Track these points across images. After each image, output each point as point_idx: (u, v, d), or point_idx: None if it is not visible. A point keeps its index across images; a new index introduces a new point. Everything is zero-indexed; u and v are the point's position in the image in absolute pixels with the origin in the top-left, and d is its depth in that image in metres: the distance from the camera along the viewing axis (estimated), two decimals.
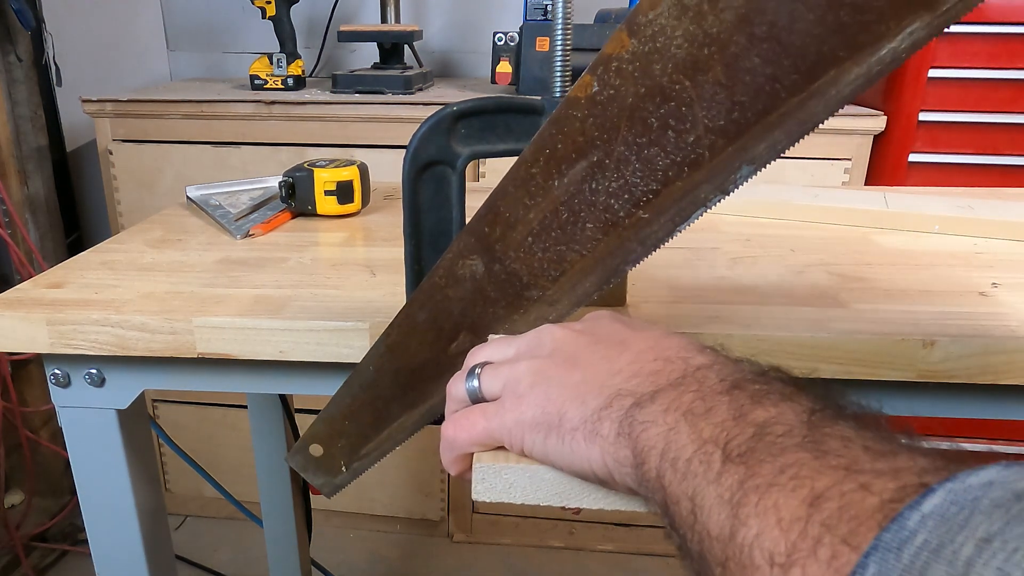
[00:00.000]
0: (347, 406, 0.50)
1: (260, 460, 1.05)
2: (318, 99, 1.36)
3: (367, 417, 0.50)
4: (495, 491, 0.35)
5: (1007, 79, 1.21)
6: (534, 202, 0.42)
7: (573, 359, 0.36)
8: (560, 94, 0.49)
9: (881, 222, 0.78)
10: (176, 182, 1.40)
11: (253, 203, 0.85)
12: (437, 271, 0.45)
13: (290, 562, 1.13)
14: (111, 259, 0.68)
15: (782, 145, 0.36)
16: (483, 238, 0.44)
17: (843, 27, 0.31)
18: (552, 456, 0.34)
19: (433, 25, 1.71)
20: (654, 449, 0.30)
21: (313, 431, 0.51)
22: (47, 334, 0.56)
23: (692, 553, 0.28)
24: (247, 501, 1.16)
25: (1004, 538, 0.20)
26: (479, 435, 0.37)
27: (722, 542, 0.26)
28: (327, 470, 0.52)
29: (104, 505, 0.64)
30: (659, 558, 1.59)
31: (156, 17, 1.76)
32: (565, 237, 0.42)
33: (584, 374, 0.35)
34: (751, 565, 0.24)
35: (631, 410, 0.32)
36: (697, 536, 0.27)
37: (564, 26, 0.48)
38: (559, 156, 0.40)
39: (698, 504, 0.27)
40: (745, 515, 0.25)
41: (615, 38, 0.35)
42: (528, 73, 1.35)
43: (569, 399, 0.34)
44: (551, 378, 0.36)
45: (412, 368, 0.48)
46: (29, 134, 1.59)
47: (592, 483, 0.34)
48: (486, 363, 0.40)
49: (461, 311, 0.46)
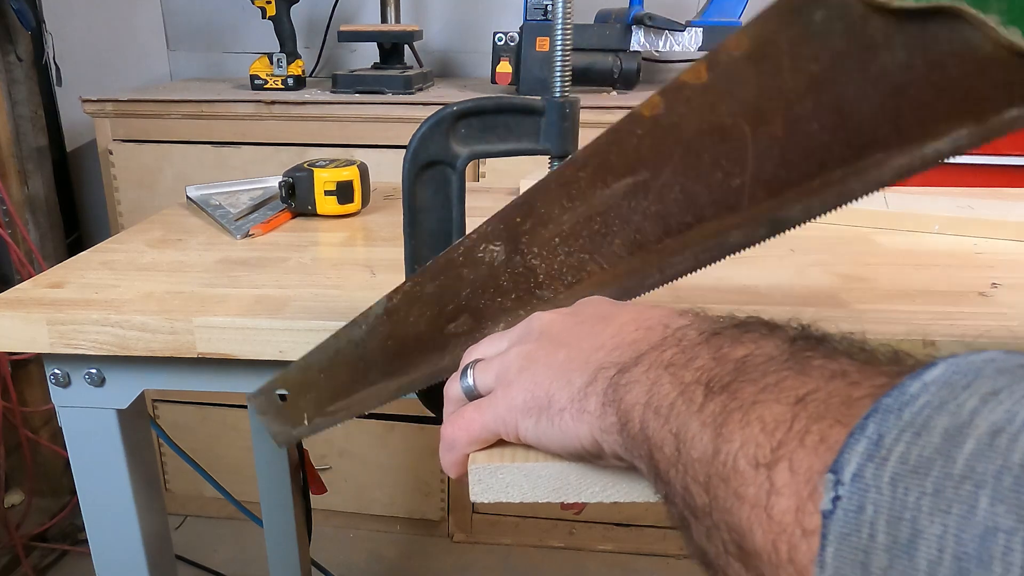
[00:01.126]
0: (327, 360, 0.49)
1: (260, 460, 1.05)
2: (318, 99, 1.36)
3: (344, 375, 0.49)
4: (493, 491, 0.36)
5: None
6: (571, 205, 0.42)
7: (558, 340, 0.37)
8: (560, 94, 0.49)
9: (881, 222, 0.78)
10: (176, 182, 1.40)
11: (253, 203, 0.85)
12: (457, 248, 0.45)
13: (290, 562, 1.13)
14: (111, 259, 0.68)
15: (815, 212, 0.36)
16: (512, 227, 0.44)
17: (901, 117, 0.32)
18: (544, 439, 0.34)
19: (433, 25, 1.71)
20: (637, 405, 0.30)
21: (284, 376, 0.50)
22: (47, 334, 0.56)
23: (676, 494, 0.27)
24: (247, 501, 1.16)
25: (1011, 389, 0.19)
26: (476, 431, 0.37)
27: (705, 463, 0.25)
28: (287, 419, 0.51)
29: (104, 505, 0.64)
30: (659, 558, 1.58)
31: (156, 17, 1.76)
32: (591, 247, 0.42)
33: (569, 352, 0.35)
34: (735, 473, 0.24)
35: (614, 379, 0.32)
36: (681, 470, 0.26)
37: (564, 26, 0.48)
38: (608, 166, 0.40)
39: (681, 438, 0.27)
40: (728, 432, 0.25)
41: (694, 68, 0.36)
42: (528, 73, 1.35)
43: (555, 380, 0.34)
44: (537, 360, 0.36)
45: (404, 337, 0.47)
46: (29, 134, 1.59)
47: (586, 460, 0.34)
48: (478, 360, 0.40)
49: (469, 293, 0.46)
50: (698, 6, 1.46)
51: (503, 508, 1.60)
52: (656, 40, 1.35)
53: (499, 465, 0.35)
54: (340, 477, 1.62)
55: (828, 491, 0.21)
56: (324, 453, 1.60)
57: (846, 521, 0.20)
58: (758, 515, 0.22)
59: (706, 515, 0.25)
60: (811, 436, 0.22)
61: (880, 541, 0.19)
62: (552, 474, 0.35)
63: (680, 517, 0.27)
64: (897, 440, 0.20)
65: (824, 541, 0.20)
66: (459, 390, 0.40)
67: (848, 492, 0.20)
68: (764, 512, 0.22)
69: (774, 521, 0.22)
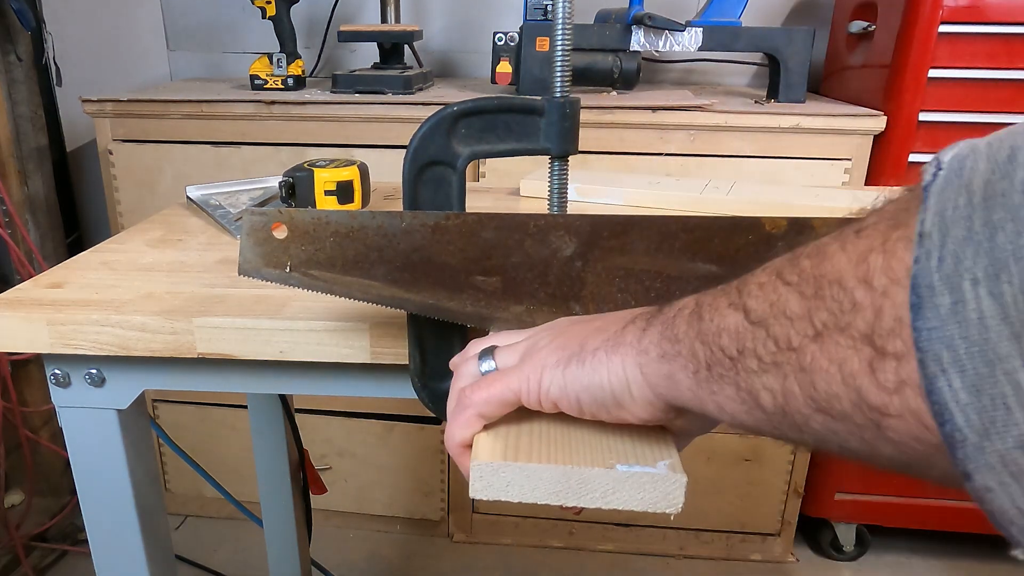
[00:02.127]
0: (346, 228, 0.46)
1: (260, 460, 1.05)
2: (318, 99, 1.36)
3: (352, 252, 0.47)
4: (493, 489, 0.36)
5: (1007, 79, 1.20)
6: (657, 255, 0.44)
7: (587, 320, 0.38)
8: (560, 94, 0.49)
9: None
10: (176, 182, 1.40)
11: (253, 203, 0.85)
12: (536, 218, 0.45)
13: (290, 562, 1.13)
14: (111, 259, 0.68)
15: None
16: (596, 235, 0.45)
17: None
18: (569, 383, 0.35)
19: (433, 25, 1.71)
20: (687, 304, 0.31)
21: (291, 217, 0.47)
22: (47, 334, 0.56)
23: (763, 350, 0.27)
24: (247, 501, 1.16)
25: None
26: (497, 390, 0.37)
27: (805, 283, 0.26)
28: (267, 255, 0.47)
29: (104, 505, 0.64)
30: (659, 558, 1.58)
31: (156, 17, 1.76)
32: (639, 297, 0.44)
33: (602, 322, 0.37)
34: (829, 259, 0.25)
35: (656, 310, 0.33)
36: (774, 313, 0.27)
37: (564, 26, 0.48)
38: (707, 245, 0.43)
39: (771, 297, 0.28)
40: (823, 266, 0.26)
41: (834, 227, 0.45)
42: (528, 73, 1.35)
43: (591, 334, 0.36)
44: (569, 331, 0.37)
45: (432, 258, 0.46)
46: (29, 134, 1.59)
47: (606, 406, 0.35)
48: (495, 347, 0.40)
49: (517, 263, 0.46)
50: (698, 6, 1.46)
51: (503, 508, 1.60)
52: (656, 40, 1.35)
53: (501, 464, 0.35)
54: (340, 477, 1.62)
55: (929, 172, 0.23)
56: (324, 453, 1.60)
57: (947, 176, 0.23)
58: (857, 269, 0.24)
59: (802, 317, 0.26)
60: (884, 222, 0.25)
61: (981, 168, 0.22)
62: (553, 476, 0.35)
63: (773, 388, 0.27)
64: (976, 144, 0.23)
65: (926, 196, 0.23)
66: (475, 370, 0.40)
67: (948, 164, 0.23)
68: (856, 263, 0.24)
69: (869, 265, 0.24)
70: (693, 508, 1.53)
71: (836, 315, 0.24)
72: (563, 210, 0.54)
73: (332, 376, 0.60)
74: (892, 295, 0.23)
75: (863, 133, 1.27)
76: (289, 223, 0.46)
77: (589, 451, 0.36)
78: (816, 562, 1.59)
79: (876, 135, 1.28)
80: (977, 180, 0.22)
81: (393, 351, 0.54)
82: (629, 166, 1.32)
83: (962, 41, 1.20)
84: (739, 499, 1.53)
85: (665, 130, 1.30)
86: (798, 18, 1.62)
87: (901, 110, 1.25)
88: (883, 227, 0.24)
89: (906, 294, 0.22)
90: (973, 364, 0.21)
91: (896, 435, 0.23)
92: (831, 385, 0.25)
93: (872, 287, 0.23)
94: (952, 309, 0.21)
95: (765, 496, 1.53)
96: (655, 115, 1.29)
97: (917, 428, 0.22)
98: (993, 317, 0.20)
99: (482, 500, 0.37)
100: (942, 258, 0.21)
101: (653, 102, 1.30)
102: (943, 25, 1.19)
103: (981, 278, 0.21)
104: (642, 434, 0.37)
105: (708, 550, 1.59)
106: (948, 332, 0.21)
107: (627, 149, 1.32)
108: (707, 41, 1.34)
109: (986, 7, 1.18)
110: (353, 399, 1.52)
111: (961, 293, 0.21)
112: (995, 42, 1.19)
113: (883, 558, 1.58)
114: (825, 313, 0.25)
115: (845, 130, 1.27)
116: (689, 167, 1.31)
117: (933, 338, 0.21)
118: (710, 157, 1.31)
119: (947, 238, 0.21)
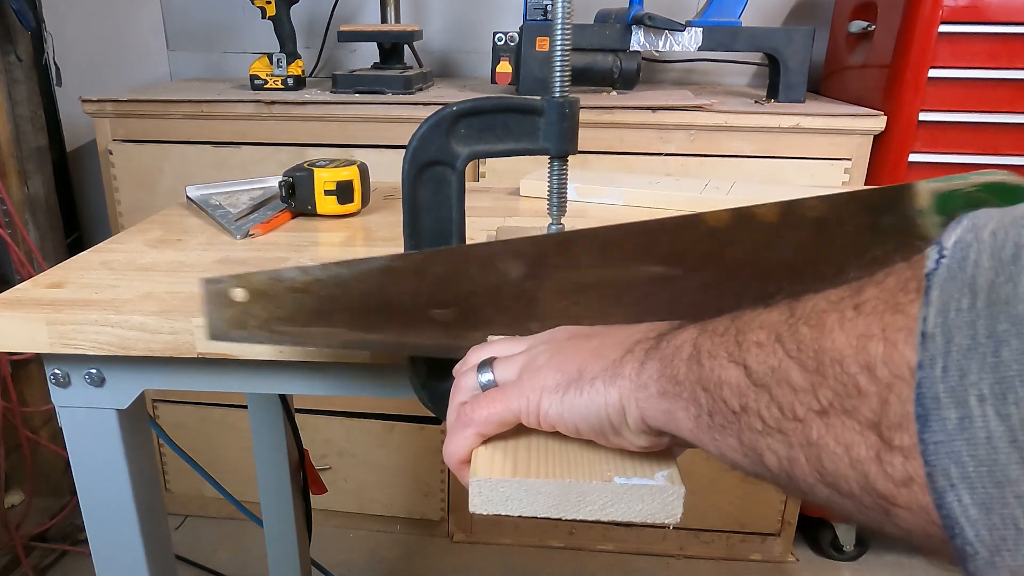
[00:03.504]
0: (302, 283, 0.48)
1: (260, 460, 1.05)
2: (318, 99, 1.36)
3: (309, 304, 0.48)
4: (492, 504, 0.36)
5: (1007, 79, 1.20)
6: (604, 265, 0.44)
7: (588, 335, 0.38)
8: (560, 94, 0.49)
9: None
10: (176, 182, 1.40)
11: (253, 203, 0.85)
12: (480, 247, 0.46)
13: (290, 562, 1.13)
14: (111, 259, 0.68)
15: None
16: (541, 254, 0.45)
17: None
18: (568, 412, 0.35)
19: (433, 25, 1.71)
20: (687, 342, 0.31)
21: (250, 279, 0.48)
22: (47, 334, 0.56)
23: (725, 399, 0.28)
24: (247, 501, 1.16)
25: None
26: (497, 410, 0.37)
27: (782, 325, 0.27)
28: (232, 318, 0.48)
29: (104, 505, 0.64)
30: (659, 558, 1.59)
31: (156, 17, 1.76)
32: (594, 308, 0.45)
33: (601, 340, 0.36)
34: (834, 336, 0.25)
35: (655, 341, 0.33)
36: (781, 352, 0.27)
37: (564, 26, 0.48)
38: (652, 248, 0.43)
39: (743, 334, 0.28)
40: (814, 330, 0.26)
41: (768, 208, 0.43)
42: (528, 73, 1.35)
43: (588, 358, 0.35)
44: (567, 348, 0.37)
45: (388, 299, 0.47)
46: (29, 134, 1.59)
47: (602, 434, 0.35)
48: (494, 358, 0.40)
49: (470, 292, 0.47)
50: (698, 6, 1.46)
51: None
52: (656, 40, 1.35)
53: (500, 479, 0.35)
54: (340, 477, 1.62)
55: (931, 258, 0.23)
56: (324, 453, 1.60)
57: (950, 267, 0.22)
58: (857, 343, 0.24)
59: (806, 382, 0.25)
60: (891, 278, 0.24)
61: (985, 265, 0.22)
62: (552, 490, 0.35)
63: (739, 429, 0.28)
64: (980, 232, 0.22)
65: (928, 287, 0.22)
66: (475, 381, 0.40)
67: (951, 251, 0.23)
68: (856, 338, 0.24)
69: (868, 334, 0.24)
70: (693, 508, 1.53)
71: (841, 396, 0.24)
72: (563, 210, 0.54)
73: (332, 376, 0.60)
74: (897, 390, 0.22)
75: (863, 133, 1.27)
76: (246, 286, 0.48)
77: (587, 464, 0.36)
78: (816, 562, 1.59)
79: (876, 135, 1.27)
80: (981, 280, 0.21)
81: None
82: (629, 166, 1.32)
83: (962, 41, 1.20)
84: (739, 499, 1.53)
85: (665, 130, 1.30)
86: (798, 18, 1.62)
87: (901, 110, 1.25)
88: (882, 308, 0.24)
89: (911, 391, 0.22)
90: (983, 483, 0.20)
91: (905, 524, 0.23)
92: (839, 466, 0.24)
93: (876, 377, 0.23)
94: (959, 425, 0.21)
95: (765, 496, 1.53)
96: (655, 115, 1.29)
97: (926, 523, 0.22)
98: (1001, 439, 0.20)
99: None
100: (946, 368, 0.21)
101: (653, 102, 1.30)
102: (943, 25, 1.19)
103: (987, 395, 0.20)
104: None
105: (708, 550, 1.59)
106: (956, 448, 0.21)
107: (627, 149, 1.32)
108: (707, 41, 1.34)
109: (986, 7, 1.18)
110: (353, 399, 1.52)
111: (968, 409, 0.21)
112: (995, 42, 1.19)
113: (883, 558, 1.58)
114: (830, 392, 0.24)
115: (845, 130, 1.27)
116: (689, 167, 1.31)
117: (941, 452, 0.21)
118: (710, 157, 1.31)
119: (951, 344, 0.21)
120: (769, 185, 0.93)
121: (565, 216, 0.54)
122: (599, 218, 0.82)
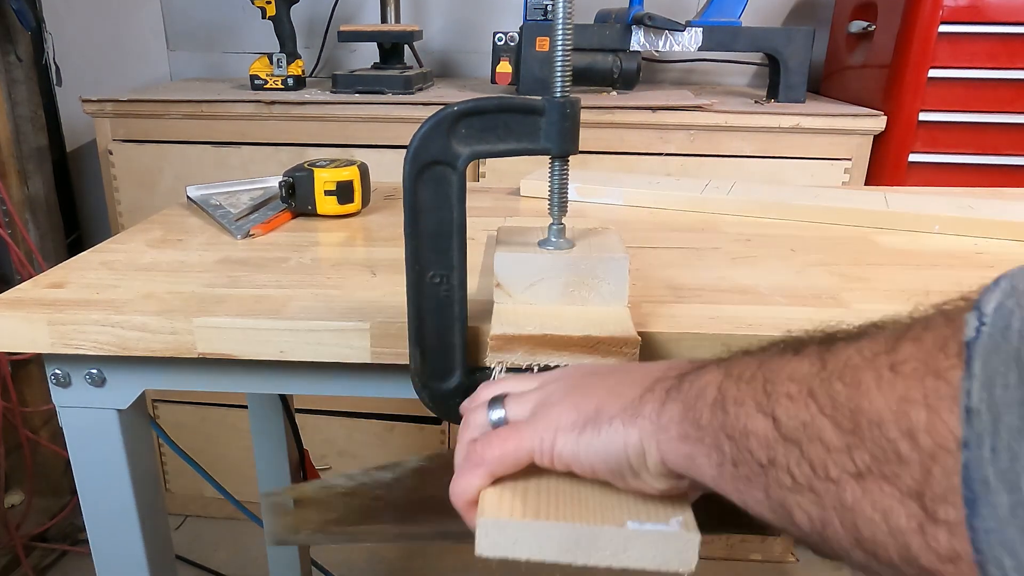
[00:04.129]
0: (350, 487, 0.53)
1: (260, 460, 1.05)
2: (318, 99, 1.36)
3: (356, 505, 0.53)
4: (499, 547, 0.34)
5: (1007, 79, 1.20)
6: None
7: (605, 372, 0.37)
8: (560, 94, 0.49)
9: (881, 222, 0.78)
10: (176, 182, 1.40)
11: (253, 203, 0.85)
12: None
13: (290, 562, 1.13)
14: (111, 259, 0.68)
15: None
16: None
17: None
18: (584, 452, 0.33)
19: (433, 25, 1.71)
20: (711, 384, 0.30)
21: (301, 489, 0.54)
22: (48, 334, 0.56)
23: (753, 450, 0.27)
24: (247, 501, 1.16)
25: None
26: (510, 449, 0.35)
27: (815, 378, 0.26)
28: (290, 524, 0.55)
29: (104, 505, 0.64)
30: None
31: (156, 17, 1.76)
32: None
33: (619, 377, 0.35)
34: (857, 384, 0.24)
35: (676, 381, 0.32)
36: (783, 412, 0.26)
37: (564, 26, 0.48)
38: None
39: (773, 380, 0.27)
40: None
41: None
42: (528, 73, 1.35)
43: (606, 396, 0.34)
44: (584, 385, 0.36)
45: (429, 494, 0.51)
46: (29, 134, 1.59)
47: (620, 476, 0.34)
48: (507, 394, 0.39)
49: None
50: (698, 6, 1.46)
51: None
52: (656, 40, 1.35)
53: (508, 520, 0.34)
54: None
55: (971, 324, 0.22)
56: (324, 453, 1.60)
57: (992, 336, 0.21)
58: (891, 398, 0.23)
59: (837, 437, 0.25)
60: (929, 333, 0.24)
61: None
62: (562, 534, 0.34)
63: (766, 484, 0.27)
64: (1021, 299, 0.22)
65: (970, 357, 0.21)
66: (485, 419, 0.38)
67: (992, 319, 0.22)
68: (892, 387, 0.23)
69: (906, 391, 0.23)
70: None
71: (880, 461, 0.23)
72: (564, 210, 0.54)
73: (332, 376, 0.60)
74: (941, 461, 0.21)
75: (863, 133, 1.27)
76: (300, 496, 0.54)
77: (599, 507, 0.35)
78: (816, 562, 1.58)
79: (876, 135, 1.27)
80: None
81: (393, 351, 0.54)
82: (629, 166, 1.32)
83: (962, 41, 1.20)
84: None
85: (665, 130, 1.30)
86: (798, 18, 1.62)
87: (901, 110, 1.25)
88: (922, 372, 0.22)
89: (956, 463, 0.21)
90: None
91: None
92: (876, 534, 0.23)
93: (918, 444, 0.22)
94: (1012, 512, 0.20)
95: None
96: (655, 115, 1.29)
97: None
98: None
99: None
100: (995, 449, 0.20)
101: (653, 102, 1.30)
102: (943, 25, 1.19)
103: None
104: None
105: (708, 550, 1.59)
106: (1009, 536, 0.20)
107: (627, 149, 1.32)
108: (707, 41, 1.34)
109: (986, 7, 1.18)
110: (353, 399, 1.52)
111: (1021, 494, 0.19)
112: (995, 42, 1.19)
113: None
114: (867, 455, 0.23)
115: (845, 130, 1.27)
116: (689, 167, 1.31)
117: (993, 541, 0.20)
118: (710, 157, 1.31)
119: (999, 424, 0.20)
120: (769, 185, 0.93)
121: (566, 216, 0.54)
122: (599, 218, 0.82)
